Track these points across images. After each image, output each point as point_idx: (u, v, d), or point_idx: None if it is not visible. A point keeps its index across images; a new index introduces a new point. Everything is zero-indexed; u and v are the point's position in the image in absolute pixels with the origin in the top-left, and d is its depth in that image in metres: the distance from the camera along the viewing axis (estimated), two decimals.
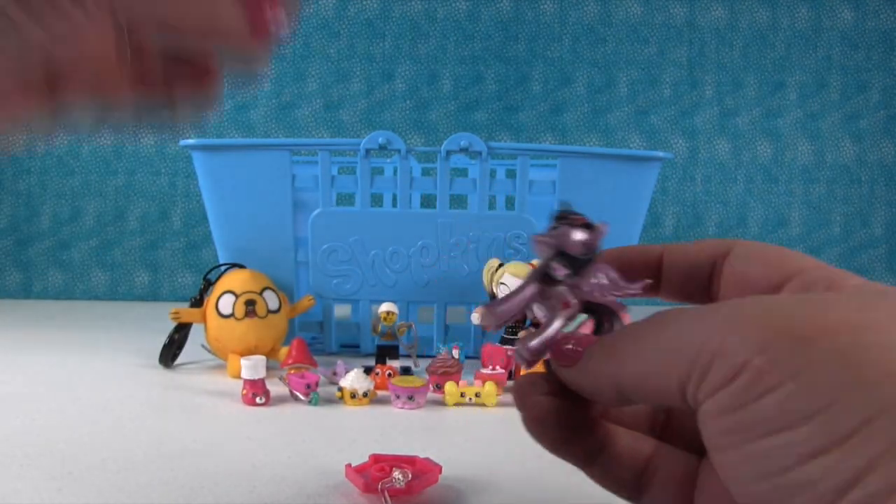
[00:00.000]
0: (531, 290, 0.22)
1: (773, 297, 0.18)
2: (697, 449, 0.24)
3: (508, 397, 0.54)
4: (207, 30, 0.22)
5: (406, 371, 0.61)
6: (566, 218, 0.22)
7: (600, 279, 0.22)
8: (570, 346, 0.21)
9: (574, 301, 0.22)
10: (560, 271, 0.22)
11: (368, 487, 0.35)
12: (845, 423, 0.15)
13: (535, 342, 0.21)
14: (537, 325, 0.22)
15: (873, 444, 0.14)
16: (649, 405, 0.25)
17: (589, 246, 0.21)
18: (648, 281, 0.23)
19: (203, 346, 0.65)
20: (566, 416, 0.23)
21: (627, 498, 0.24)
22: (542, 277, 0.22)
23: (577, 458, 0.23)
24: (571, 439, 0.23)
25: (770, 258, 0.22)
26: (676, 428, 0.25)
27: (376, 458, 0.37)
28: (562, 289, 0.22)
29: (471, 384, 0.53)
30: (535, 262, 0.62)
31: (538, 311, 0.22)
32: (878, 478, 0.14)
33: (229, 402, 0.52)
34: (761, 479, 0.16)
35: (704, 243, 0.24)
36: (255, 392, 0.51)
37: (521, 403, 0.23)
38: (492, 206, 0.88)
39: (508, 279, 0.60)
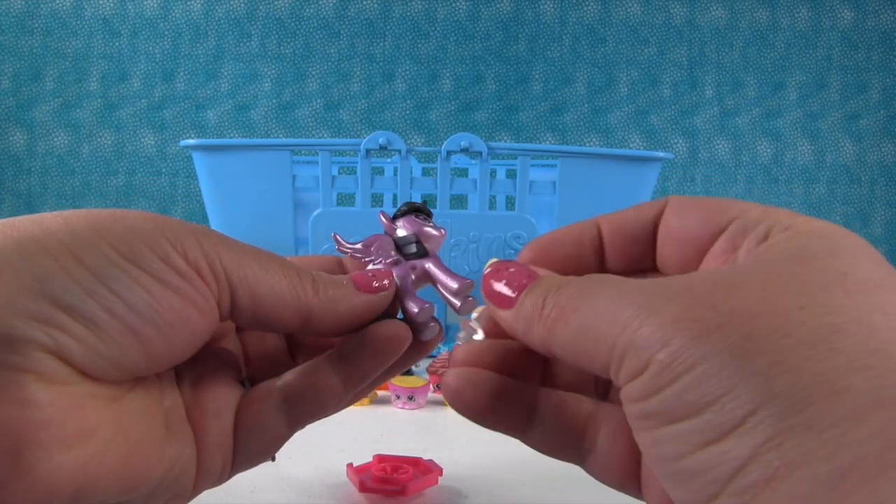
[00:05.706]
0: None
1: (685, 280, 0.18)
2: None
3: None
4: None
5: (406, 371, 0.61)
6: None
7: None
8: (503, 286, 0.22)
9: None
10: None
11: (364, 487, 0.35)
12: (732, 414, 0.16)
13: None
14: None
15: (756, 434, 0.15)
16: None
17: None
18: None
19: None
20: (490, 384, 0.23)
21: (572, 460, 0.24)
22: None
23: (509, 426, 0.24)
24: (498, 407, 0.23)
25: (703, 209, 0.22)
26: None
27: (380, 459, 0.38)
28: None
29: None
30: None
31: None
32: (759, 467, 0.15)
33: None
34: (665, 462, 0.17)
35: (642, 206, 0.24)
36: None
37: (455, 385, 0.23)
38: (492, 206, 0.88)
39: None
